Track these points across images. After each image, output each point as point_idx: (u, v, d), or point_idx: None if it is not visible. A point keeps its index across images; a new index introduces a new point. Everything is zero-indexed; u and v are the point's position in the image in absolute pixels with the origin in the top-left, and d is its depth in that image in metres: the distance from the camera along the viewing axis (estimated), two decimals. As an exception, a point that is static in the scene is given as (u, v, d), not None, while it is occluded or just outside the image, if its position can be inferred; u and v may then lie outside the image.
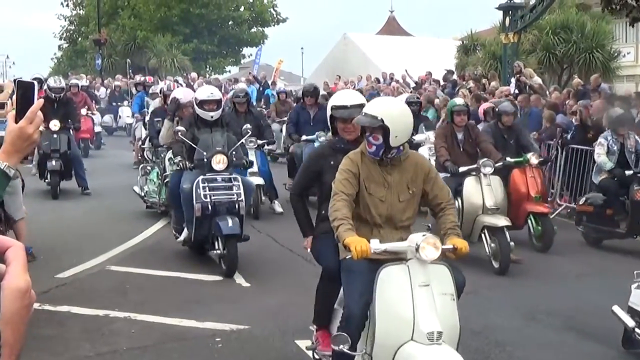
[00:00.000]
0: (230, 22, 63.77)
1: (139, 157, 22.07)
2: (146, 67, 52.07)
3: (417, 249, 5.68)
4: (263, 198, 16.06)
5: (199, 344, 8.52)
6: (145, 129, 19.54)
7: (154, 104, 18.91)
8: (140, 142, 22.11)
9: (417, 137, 15.90)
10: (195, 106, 11.98)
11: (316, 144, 15.80)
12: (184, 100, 13.50)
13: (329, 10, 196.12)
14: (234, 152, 11.72)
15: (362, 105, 6.69)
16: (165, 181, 14.00)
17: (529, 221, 13.22)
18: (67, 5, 69.02)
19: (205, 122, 11.89)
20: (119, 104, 35.43)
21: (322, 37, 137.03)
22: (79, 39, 68.56)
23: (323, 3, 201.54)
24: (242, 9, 63.75)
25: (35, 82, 3.54)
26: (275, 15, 66.02)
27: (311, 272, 11.47)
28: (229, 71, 66.68)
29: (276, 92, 27.59)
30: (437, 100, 22.59)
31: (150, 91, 23.06)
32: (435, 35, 67.74)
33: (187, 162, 11.51)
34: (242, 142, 12.50)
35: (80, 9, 69.00)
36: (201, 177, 11.26)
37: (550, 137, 17.36)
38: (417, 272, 5.77)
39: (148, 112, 19.25)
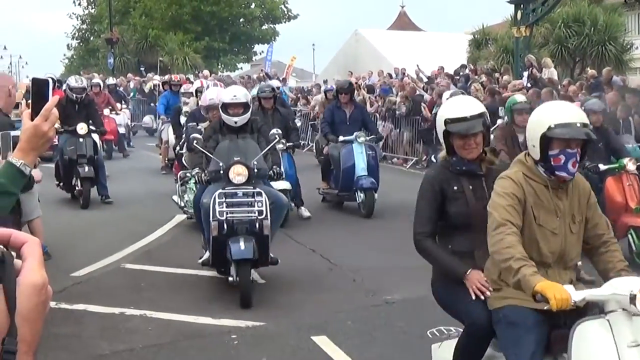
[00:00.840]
0: (241, 20, 63.80)
1: (166, 162, 21.60)
2: (158, 66, 52.12)
3: (632, 299, 4.47)
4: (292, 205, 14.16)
5: (215, 341, 8.54)
6: (176, 132, 18.32)
7: (190, 105, 18.25)
8: (164, 144, 21.67)
9: None
10: (219, 109, 10.71)
11: (355, 146, 15.50)
12: (216, 101, 11.80)
13: (340, 6, 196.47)
14: (254, 162, 9.93)
15: (482, 115, 5.78)
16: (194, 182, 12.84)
17: (630, 236, 11.45)
18: (80, 4, 69.21)
19: (231, 128, 10.50)
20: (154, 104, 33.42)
21: (333, 33, 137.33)
22: (91, 37, 68.73)
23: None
24: (253, 6, 63.77)
25: (50, 79, 3.55)
26: (286, 12, 66.04)
27: (325, 269, 11.54)
28: (241, 68, 66.85)
29: (324, 90, 25.86)
30: (446, 93, 22.53)
31: (182, 90, 21.66)
32: (446, 29, 67.93)
33: (202, 175, 10.20)
34: (272, 149, 10.69)
35: (92, 8, 69.15)
36: (219, 191, 9.70)
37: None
38: (623, 329, 4.54)
39: (183, 114, 17.73)
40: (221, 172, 9.88)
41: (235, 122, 10.44)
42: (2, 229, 1.57)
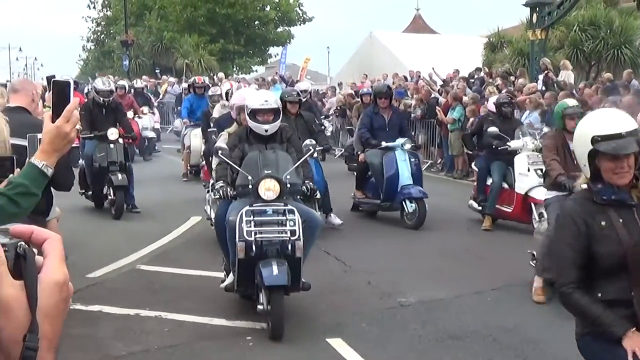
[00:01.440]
0: (256, 22, 63.84)
1: (188, 168, 21.08)
2: (173, 68, 52.20)
3: None
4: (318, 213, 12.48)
5: (230, 342, 8.55)
6: (205, 137, 16.77)
7: (217, 109, 17.26)
8: (187, 149, 20.98)
9: (513, 144, 14.21)
10: (247, 116, 9.56)
11: (398, 153, 14.79)
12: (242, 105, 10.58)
13: (355, 9, 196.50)
14: (288, 177, 8.87)
15: (636, 131, 4.76)
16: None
17: None
18: (94, 7, 69.41)
19: (259, 136, 9.46)
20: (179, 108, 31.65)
21: (348, 35, 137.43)
22: (106, 40, 68.92)
23: (349, 2, 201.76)
24: (268, 8, 63.83)
25: (71, 81, 3.59)
26: (301, 15, 66.07)
27: (341, 271, 11.53)
28: (256, 71, 66.89)
29: (360, 94, 24.99)
30: (465, 98, 22.52)
31: (210, 93, 20.17)
32: (461, 32, 67.77)
33: (228, 189, 9.09)
34: (303, 162, 9.65)
35: (107, 10, 69.35)
36: (246, 208, 8.60)
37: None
38: None
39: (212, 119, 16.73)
40: (250, 186, 8.76)
41: (266, 131, 9.40)
42: (23, 226, 1.58)
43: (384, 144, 14.94)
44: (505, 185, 14.42)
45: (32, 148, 3.75)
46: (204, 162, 16.98)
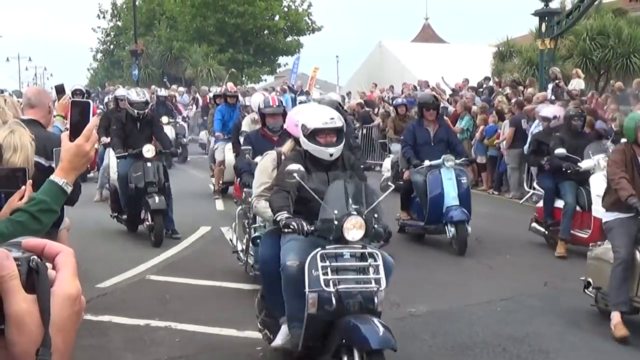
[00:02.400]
0: (265, 32, 63.87)
1: (220, 185, 19.76)
2: (182, 77, 52.30)
3: None
4: None
5: (240, 353, 8.57)
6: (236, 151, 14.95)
7: (247, 122, 15.85)
8: (219, 165, 19.47)
9: (585, 165, 12.93)
10: (303, 137, 7.77)
11: (443, 171, 13.51)
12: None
13: (364, 18, 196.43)
14: (375, 215, 7.15)
15: None
16: (253, 237, 9.83)
17: None
18: (104, 17, 69.60)
19: (318, 162, 7.76)
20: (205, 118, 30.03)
21: (357, 45, 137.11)
22: (115, 50, 69.08)
23: (358, 11, 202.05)
24: (277, 18, 63.87)
25: (91, 102, 3.69)
26: (310, 24, 66.10)
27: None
28: (265, 80, 66.92)
29: (394, 104, 23.14)
30: (474, 107, 22.53)
31: (245, 102, 18.69)
32: (470, 42, 67.75)
33: (303, 224, 7.03)
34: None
35: (117, 20, 69.54)
36: (320, 250, 6.92)
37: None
38: None
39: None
40: (335, 223, 6.95)
41: (331, 155, 7.68)
42: (36, 239, 1.59)
43: (427, 162, 13.61)
44: (578, 208, 13.29)
45: (57, 161, 3.80)
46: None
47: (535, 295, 10.72)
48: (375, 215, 7.10)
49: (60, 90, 13.34)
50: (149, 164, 14.01)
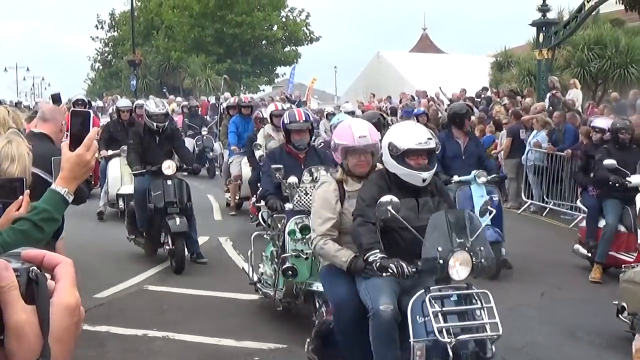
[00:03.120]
0: (263, 42, 63.94)
1: (237, 200, 18.59)
2: (180, 88, 52.32)
3: None
4: None
5: (238, 363, 8.54)
6: (252, 165, 15.19)
7: (261, 135, 15.13)
8: (235, 180, 18.27)
9: (635, 179, 11.88)
10: (390, 159, 6.64)
11: (474, 188, 12.26)
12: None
13: (362, 28, 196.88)
14: (481, 249, 6.21)
15: None
16: (284, 267, 8.77)
17: None
18: (102, 28, 69.63)
19: (406, 187, 6.65)
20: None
21: (355, 55, 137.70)
22: (114, 60, 69.12)
23: (356, 21, 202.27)
24: (275, 28, 63.95)
25: (91, 112, 3.74)
26: (308, 34, 66.16)
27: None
28: (263, 90, 66.97)
29: (415, 114, 21.84)
30: (472, 118, 22.54)
31: (270, 113, 16.51)
32: (468, 52, 67.76)
33: (403, 265, 6.04)
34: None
35: (115, 31, 69.58)
36: (429, 293, 6.02)
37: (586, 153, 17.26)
38: None
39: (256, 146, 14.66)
40: (439, 262, 6.03)
41: (424, 180, 6.64)
42: (35, 250, 1.60)
43: (456, 178, 12.46)
44: (623, 229, 12.25)
45: (56, 171, 3.83)
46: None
47: (533, 306, 10.73)
48: (481, 248, 6.20)
49: (56, 99, 13.38)
50: (169, 182, 12.73)
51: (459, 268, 6.01)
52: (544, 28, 27.65)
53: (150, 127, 13.22)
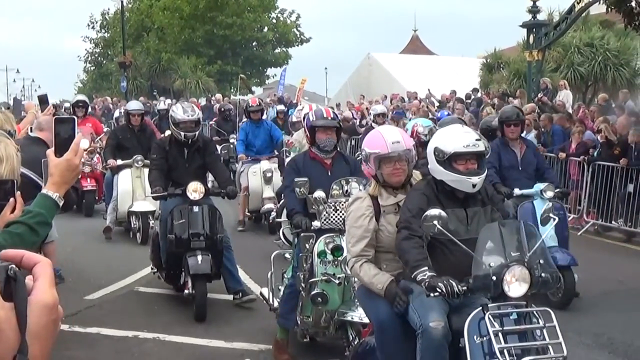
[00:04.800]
0: (254, 43, 63.90)
1: (246, 215, 16.90)
2: (171, 89, 52.26)
3: None
4: None
5: (228, 364, 8.55)
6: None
7: (295, 142, 13.70)
8: (244, 191, 16.28)
9: None
10: (436, 165, 6.19)
11: (537, 203, 10.76)
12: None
13: (353, 30, 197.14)
14: (540, 262, 5.77)
15: None
16: (313, 294, 7.87)
17: None
18: (93, 28, 69.52)
19: (453, 195, 6.24)
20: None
21: (345, 56, 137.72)
22: (104, 61, 69.01)
23: (346, 23, 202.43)
24: (265, 29, 63.92)
25: (75, 117, 3.81)
26: (298, 36, 66.15)
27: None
28: (254, 92, 66.98)
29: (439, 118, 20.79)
30: (464, 119, 22.58)
31: (294, 119, 16.08)
32: (459, 53, 67.92)
33: (453, 284, 5.53)
34: None
35: (105, 32, 69.48)
36: (488, 312, 5.59)
37: (577, 154, 17.35)
38: None
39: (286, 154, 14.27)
40: (492, 279, 5.58)
41: (474, 186, 6.13)
42: (14, 250, 1.62)
43: (517, 191, 11.12)
44: None
45: (46, 172, 3.87)
46: (265, 207, 14.76)
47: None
48: (541, 261, 5.70)
49: (43, 100, 13.33)
50: (195, 209, 10.33)
51: (515, 284, 5.54)
52: (534, 29, 27.66)
53: (178, 138, 10.85)
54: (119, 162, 14.98)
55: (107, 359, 8.75)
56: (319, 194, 7.99)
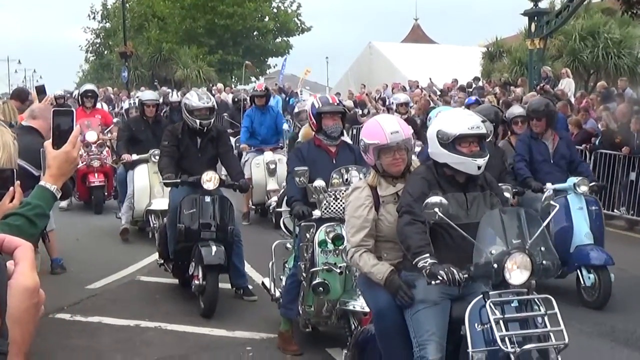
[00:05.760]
0: (255, 33, 63.88)
1: (250, 207, 16.40)
2: (172, 79, 52.20)
3: None
4: None
5: (230, 353, 8.54)
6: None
7: (302, 134, 12.26)
8: (251, 187, 14.79)
9: None
10: (440, 148, 6.08)
11: (571, 198, 10.51)
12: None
13: (354, 19, 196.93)
14: (542, 249, 5.79)
15: None
16: (314, 283, 7.84)
17: None
18: (94, 18, 69.48)
19: (454, 181, 6.19)
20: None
21: (347, 46, 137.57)
22: (105, 52, 68.99)
23: (347, 12, 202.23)
24: (266, 19, 63.88)
25: (74, 109, 3.81)
26: (299, 25, 66.10)
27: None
28: (255, 81, 66.97)
29: (466, 104, 19.15)
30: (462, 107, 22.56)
31: (297, 110, 15.34)
32: (460, 42, 67.89)
33: (454, 272, 5.53)
34: None
35: (106, 22, 69.45)
36: (489, 300, 5.60)
37: (580, 142, 17.34)
38: None
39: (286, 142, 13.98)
40: (494, 267, 5.59)
41: (479, 168, 6.05)
42: None
43: (549, 186, 10.55)
44: None
45: (44, 162, 3.86)
46: (270, 200, 13.27)
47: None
48: (542, 249, 5.70)
49: (41, 91, 13.30)
50: (207, 199, 10.02)
51: (516, 271, 5.53)
52: (535, 17, 27.65)
53: (192, 126, 10.49)
54: (134, 156, 13.95)
55: (109, 348, 8.73)
56: (319, 183, 7.89)
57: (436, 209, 5.53)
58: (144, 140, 13.91)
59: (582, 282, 10.23)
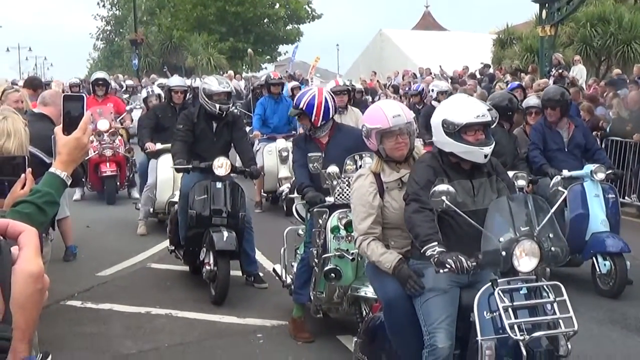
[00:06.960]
0: (265, 20, 63.91)
1: (262, 196, 16.33)
2: (183, 67, 52.22)
3: None
4: None
5: (241, 340, 8.56)
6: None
7: None
8: (263, 174, 14.93)
9: None
10: (446, 137, 6.01)
11: (587, 186, 10.43)
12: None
13: (364, 6, 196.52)
14: (551, 235, 5.76)
15: None
16: (326, 269, 7.82)
17: None
18: (104, 6, 69.52)
19: (459, 168, 6.13)
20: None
21: (357, 33, 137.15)
22: (116, 39, 69.05)
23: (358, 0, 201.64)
24: (277, 6, 63.88)
25: (84, 95, 3.78)
26: (310, 12, 66.08)
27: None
28: (265, 68, 66.94)
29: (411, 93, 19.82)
30: (475, 95, 22.50)
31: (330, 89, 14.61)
32: (471, 29, 67.80)
33: (462, 260, 5.45)
34: None
35: (116, 9, 69.49)
36: (498, 287, 5.51)
37: (590, 129, 17.27)
38: None
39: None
40: (502, 254, 5.51)
41: (486, 156, 6.00)
42: None
43: (566, 172, 10.48)
44: None
45: (55, 147, 3.85)
46: (282, 188, 12.49)
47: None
48: (550, 235, 5.64)
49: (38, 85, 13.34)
50: (218, 185, 9.96)
51: (525, 259, 5.45)
52: (546, 4, 27.55)
53: (210, 110, 10.33)
54: (159, 145, 13.32)
55: (119, 335, 8.74)
56: (333, 169, 7.85)
57: (443, 197, 5.48)
58: (170, 127, 12.58)
59: (597, 269, 10.13)
